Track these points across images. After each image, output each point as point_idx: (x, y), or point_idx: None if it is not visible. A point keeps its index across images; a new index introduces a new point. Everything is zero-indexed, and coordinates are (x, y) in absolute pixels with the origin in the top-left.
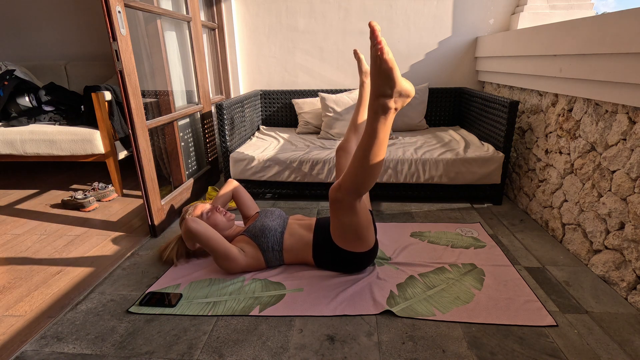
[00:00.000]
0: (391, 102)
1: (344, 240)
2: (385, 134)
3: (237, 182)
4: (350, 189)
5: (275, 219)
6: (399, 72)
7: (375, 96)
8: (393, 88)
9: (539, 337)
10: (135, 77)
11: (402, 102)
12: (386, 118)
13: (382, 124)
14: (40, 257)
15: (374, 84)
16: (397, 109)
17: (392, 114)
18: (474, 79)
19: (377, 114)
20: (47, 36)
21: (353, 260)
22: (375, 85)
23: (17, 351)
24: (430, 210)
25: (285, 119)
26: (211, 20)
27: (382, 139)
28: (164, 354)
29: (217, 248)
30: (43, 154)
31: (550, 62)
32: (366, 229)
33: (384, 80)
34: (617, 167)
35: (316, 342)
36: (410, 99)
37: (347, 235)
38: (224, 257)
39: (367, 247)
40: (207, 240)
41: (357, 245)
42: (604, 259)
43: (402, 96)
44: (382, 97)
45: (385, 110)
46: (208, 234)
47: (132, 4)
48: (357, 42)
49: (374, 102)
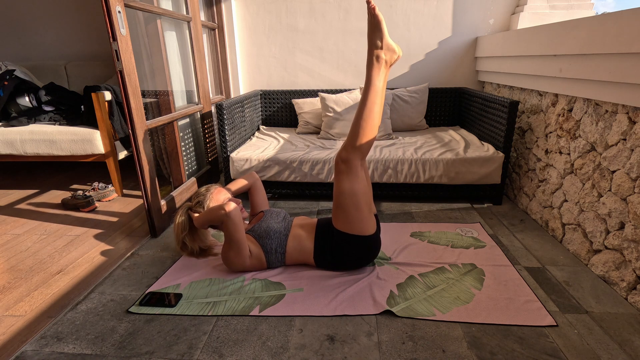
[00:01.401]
0: (382, 53)
1: (344, 214)
2: (380, 83)
3: (257, 176)
4: (353, 144)
5: (280, 221)
6: (386, 27)
7: (371, 48)
8: (382, 39)
9: (539, 337)
10: (135, 77)
11: (390, 55)
12: (379, 67)
13: (376, 72)
14: (40, 257)
15: (369, 39)
16: (387, 61)
17: (383, 65)
18: (474, 79)
19: (372, 63)
20: (47, 36)
21: (353, 250)
22: (370, 39)
23: (17, 351)
24: (430, 210)
25: (285, 119)
26: (211, 20)
27: (378, 87)
28: (164, 354)
29: (239, 239)
30: (43, 154)
31: (550, 62)
32: (365, 203)
33: (376, 33)
34: (617, 167)
35: (316, 342)
36: (397, 57)
37: (346, 206)
38: (238, 250)
39: (366, 231)
40: (237, 229)
41: (356, 224)
42: (604, 259)
43: (389, 50)
44: (375, 48)
45: (378, 59)
46: (241, 222)
47: (132, 4)
48: (357, 42)
49: (370, 54)
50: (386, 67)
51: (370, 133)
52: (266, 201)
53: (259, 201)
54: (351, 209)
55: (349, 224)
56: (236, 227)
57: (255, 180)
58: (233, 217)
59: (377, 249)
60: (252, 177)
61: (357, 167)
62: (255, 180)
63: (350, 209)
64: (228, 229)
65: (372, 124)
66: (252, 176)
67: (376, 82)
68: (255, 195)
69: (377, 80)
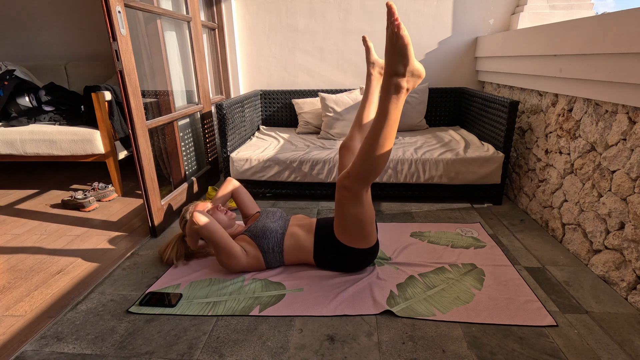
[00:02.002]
0: (404, 82)
1: (347, 234)
2: (396, 115)
3: (236, 182)
4: (359, 175)
5: (277, 220)
6: (412, 50)
7: (389, 75)
8: (406, 66)
9: (539, 337)
10: (135, 77)
11: (413, 82)
12: (398, 98)
13: (394, 104)
14: (40, 257)
15: (388, 63)
16: (409, 89)
17: (404, 94)
18: (474, 79)
19: (390, 94)
20: (47, 36)
21: (354, 258)
22: (389, 63)
23: (17, 351)
24: (430, 210)
25: (285, 119)
26: (211, 20)
27: (394, 120)
28: (164, 354)
29: (221, 242)
30: (43, 154)
31: (550, 62)
32: (369, 224)
33: (399, 58)
34: (617, 167)
35: (316, 342)
36: (421, 80)
37: (350, 229)
38: (227, 253)
39: (368, 244)
40: (213, 233)
41: (359, 241)
42: (604, 259)
43: (414, 76)
44: (396, 75)
45: (398, 89)
46: (214, 226)
47: (132, 4)
48: (357, 42)
49: (388, 82)
50: (406, 94)
51: (380, 167)
52: (253, 202)
53: (246, 204)
54: (355, 230)
55: (352, 240)
56: (211, 233)
57: (236, 186)
58: (202, 226)
59: (377, 253)
60: (229, 183)
61: (362, 194)
62: (235, 186)
63: (355, 231)
64: (204, 237)
65: (383, 159)
66: (229, 183)
67: (392, 114)
68: (240, 199)
69: (394, 112)
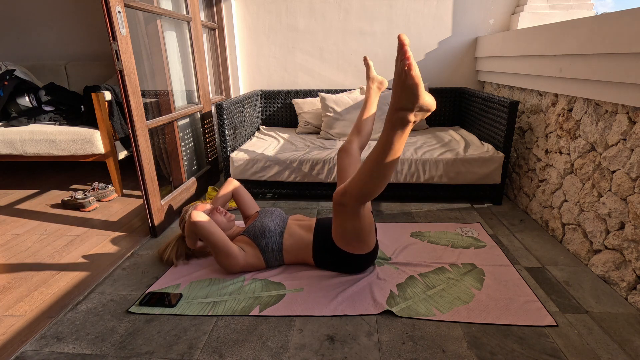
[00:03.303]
0: (411, 116)
1: (345, 242)
2: (400, 147)
3: (237, 182)
4: (356, 196)
5: (275, 219)
6: (423, 87)
7: (395, 109)
8: (415, 103)
9: (539, 337)
10: (135, 77)
11: (421, 115)
12: (403, 131)
13: (398, 137)
14: (40, 257)
15: (395, 97)
16: (415, 122)
17: (410, 126)
18: (474, 79)
19: (395, 127)
20: (47, 36)
21: (353, 262)
22: (396, 98)
23: (17, 351)
24: (430, 210)
25: (285, 119)
26: (211, 20)
27: (396, 151)
28: (164, 354)
29: (218, 243)
30: (43, 154)
31: (550, 62)
32: (368, 233)
33: (407, 96)
34: (617, 167)
35: (316, 342)
36: (430, 113)
37: (348, 238)
38: (225, 253)
39: (367, 250)
40: (210, 235)
41: (358, 248)
42: (604, 259)
43: (422, 110)
44: (402, 110)
45: (404, 123)
46: (211, 227)
47: (132, 4)
48: (357, 42)
49: (393, 115)
50: (411, 126)
51: (378, 191)
52: (253, 202)
53: (246, 204)
54: (354, 241)
55: (351, 248)
56: (208, 232)
57: (236, 186)
58: (198, 224)
59: (376, 255)
60: (230, 184)
61: (359, 211)
62: (235, 186)
63: (353, 241)
64: (202, 236)
65: (382, 184)
66: (230, 183)
67: (396, 145)
68: (240, 199)
69: (398, 143)
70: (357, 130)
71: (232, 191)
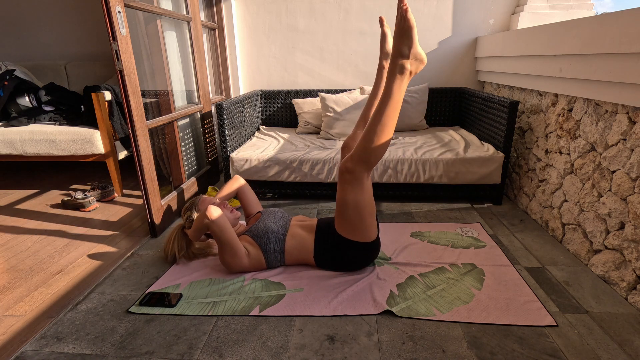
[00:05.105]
0: (408, 63)
1: (347, 224)
2: (399, 96)
3: (243, 180)
4: (362, 156)
5: (278, 220)
6: (416, 35)
7: (395, 56)
8: (411, 48)
9: (539, 337)
10: (135, 77)
11: (416, 66)
12: (402, 79)
13: (398, 85)
14: (40, 257)
15: (395, 45)
16: (412, 72)
17: (407, 76)
18: (474, 79)
19: (395, 74)
20: (47, 36)
21: (354, 253)
22: (396, 46)
23: (17, 351)
24: (430, 210)
25: (285, 119)
26: (211, 20)
27: (397, 101)
28: (164, 354)
29: (229, 240)
30: (43, 154)
31: (550, 62)
32: (369, 215)
33: (404, 40)
34: (617, 167)
35: (316, 342)
36: (423, 66)
37: (350, 217)
38: (232, 252)
39: (368, 238)
40: (223, 230)
41: (358, 233)
42: (604, 259)
43: (417, 59)
44: (401, 57)
45: (403, 70)
46: (226, 224)
47: (132, 4)
48: (357, 42)
49: (393, 63)
50: (409, 78)
51: (382, 147)
52: (257, 201)
53: (250, 202)
54: (355, 219)
55: (352, 232)
56: (221, 229)
57: (241, 184)
58: (215, 220)
59: (377, 251)
60: (236, 181)
61: (364, 178)
62: (241, 184)
63: (354, 219)
64: (214, 232)
65: (385, 138)
66: (236, 180)
67: (396, 94)
68: (244, 197)
69: (398, 93)
70: (363, 123)
71: (237, 189)
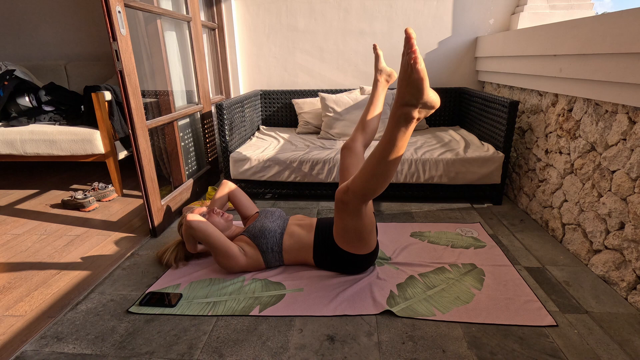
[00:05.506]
0: (415, 112)
1: (346, 242)
2: (403, 143)
3: (232, 184)
4: (358, 194)
5: (275, 219)
6: (428, 83)
7: (399, 104)
8: (420, 99)
9: (539, 337)
10: (135, 77)
11: (426, 112)
12: (407, 128)
13: (402, 133)
14: (40, 257)
15: (400, 92)
16: (419, 118)
17: (414, 123)
18: (474, 79)
19: (399, 123)
20: (47, 36)
21: (354, 262)
22: (401, 93)
23: (17, 351)
24: (430, 210)
25: (285, 119)
26: (211, 20)
27: (400, 148)
28: (164, 354)
29: (217, 244)
30: (43, 154)
31: (550, 62)
32: (369, 233)
33: (412, 91)
34: (617, 167)
35: (316, 342)
36: (434, 110)
37: (349, 238)
38: (224, 254)
39: (368, 250)
40: (208, 236)
41: (358, 248)
42: (604, 259)
43: (426, 107)
44: (407, 106)
45: (408, 119)
46: (208, 229)
47: (132, 4)
48: (357, 42)
49: (397, 110)
50: (415, 123)
51: (380, 189)
52: (251, 203)
53: (244, 205)
54: (355, 240)
55: (352, 248)
56: (205, 234)
57: (232, 189)
58: (195, 227)
59: (376, 255)
60: (225, 186)
61: (361, 209)
62: (231, 188)
63: (354, 241)
64: (199, 239)
65: (385, 182)
66: (225, 186)
67: (400, 142)
68: (237, 201)
69: (402, 141)
70: (362, 128)
71: (227, 194)
